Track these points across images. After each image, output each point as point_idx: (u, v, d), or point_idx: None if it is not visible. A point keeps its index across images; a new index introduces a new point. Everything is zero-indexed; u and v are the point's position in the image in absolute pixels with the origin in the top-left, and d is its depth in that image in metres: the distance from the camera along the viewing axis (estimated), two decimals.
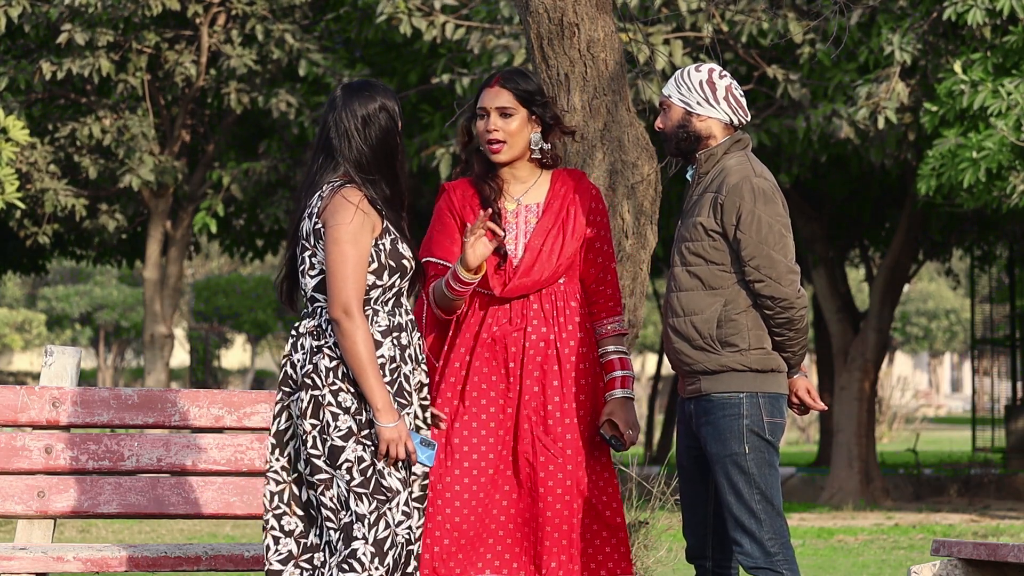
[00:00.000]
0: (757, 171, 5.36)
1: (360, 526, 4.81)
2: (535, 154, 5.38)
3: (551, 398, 5.27)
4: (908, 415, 32.31)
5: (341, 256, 4.86)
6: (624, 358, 5.41)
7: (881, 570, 10.45)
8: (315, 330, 4.93)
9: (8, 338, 44.81)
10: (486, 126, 5.33)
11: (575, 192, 5.39)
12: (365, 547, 4.80)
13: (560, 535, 5.22)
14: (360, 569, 4.79)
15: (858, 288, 39.15)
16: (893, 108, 12.92)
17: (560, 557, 5.20)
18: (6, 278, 23.59)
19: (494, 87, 5.35)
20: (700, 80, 5.41)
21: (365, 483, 4.83)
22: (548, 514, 5.21)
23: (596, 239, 5.40)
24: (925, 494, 18.05)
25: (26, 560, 5.44)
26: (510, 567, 5.23)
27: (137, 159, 15.70)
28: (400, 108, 5.07)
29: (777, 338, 5.34)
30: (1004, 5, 12.29)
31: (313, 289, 4.95)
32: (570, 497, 5.23)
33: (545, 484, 5.23)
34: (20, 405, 5.75)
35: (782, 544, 5.31)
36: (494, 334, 5.29)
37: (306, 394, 4.87)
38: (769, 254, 5.26)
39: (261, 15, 15.43)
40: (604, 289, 5.41)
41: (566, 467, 5.24)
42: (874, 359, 17.43)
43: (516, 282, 5.29)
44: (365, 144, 4.97)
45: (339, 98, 5.01)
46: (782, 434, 5.42)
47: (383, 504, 4.84)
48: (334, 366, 4.87)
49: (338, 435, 4.83)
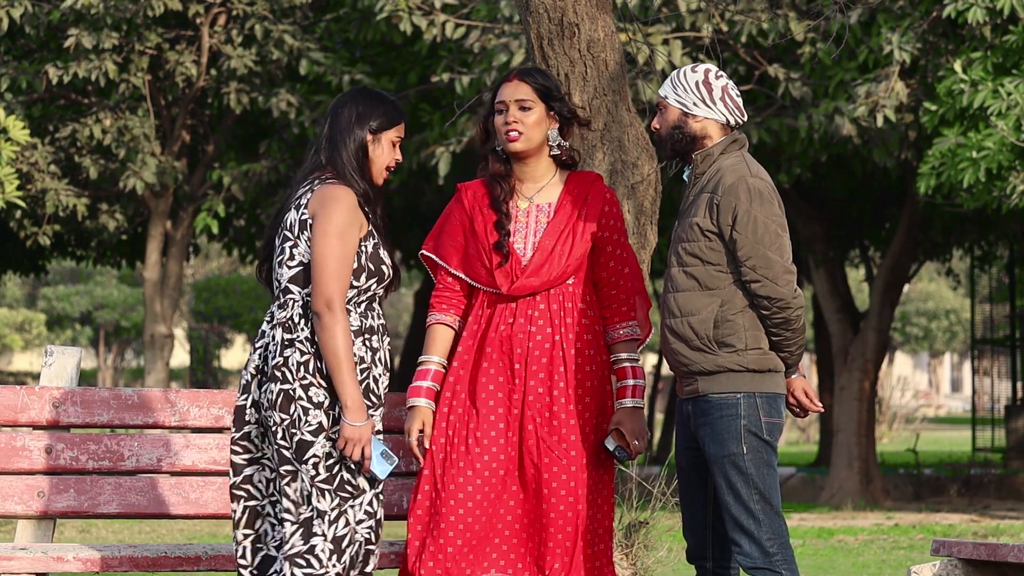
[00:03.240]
0: (753, 171, 5.35)
1: (320, 522, 4.82)
2: (553, 150, 5.40)
3: (556, 399, 5.27)
4: (908, 415, 32.31)
5: (329, 249, 4.87)
6: (636, 367, 5.41)
7: (881, 570, 10.45)
8: (287, 323, 4.92)
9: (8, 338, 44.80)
10: (505, 119, 5.35)
11: (588, 194, 5.40)
12: (324, 543, 4.81)
13: (564, 536, 5.22)
14: (318, 566, 4.79)
15: (858, 288, 39.16)
16: (892, 107, 12.92)
17: (564, 558, 5.21)
18: (6, 278, 23.59)
19: (513, 81, 5.37)
20: (696, 81, 5.41)
21: (330, 479, 4.83)
22: (552, 515, 5.22)
23: (608, 242, 5.40)
24: (925, 494, 18.05)
25: (26, 560, 5.44)
26: (515, 567, 5.24)
27: (140, 161, 15.70)
28: (406, 119, 5.10)
29: (774, 338, 5.34)
30: (1004, 4, 12.28)
31: (288, 280, 4.94)
32: (574, 499, 5.24)
33: (549, 485, 5.23)
34: (20, 405, 5.75)
35: (781, 544, 5.31)
36: (501, 334, 5.30)
37: (276, 386, 4.86)
38: (765, 254, 5.26)
39: (261, 15, 15.43)
40: (617, 293, 5.41)
41: (570, 468, 5.24)
42: (874, 359, 17.43)
43: (523, 281, 5.29)
44: (357, 146, 5.00)
45: (345, 99, 5.05)
46: (780, 434, 5.42)
47: (345, 501, 4.85)
48: (305, 360, 4.87)
49: (308, 430, 4.83)
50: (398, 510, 5.77)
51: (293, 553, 4.81)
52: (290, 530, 4.84)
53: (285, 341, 4.90)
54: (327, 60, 15.36)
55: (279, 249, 4.97)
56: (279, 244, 4.98)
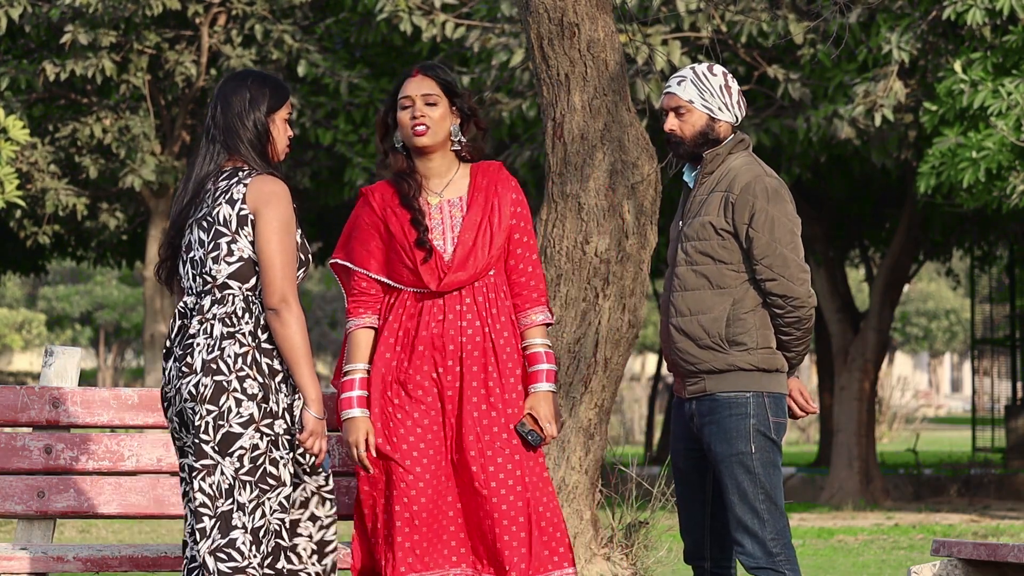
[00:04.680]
0: (767, 171, 5.40)
1: (240, 515, 4.81)
2: (454, 146, 5.40)
3: (492, 391, 5.27)
4: (908, 415, 32.30)
5: (281, 245, 4.88)
6: (549, 352, 5.39)
7: (881, 570, 10.45)
8: (227, 318, 4.91)
9: (8, 338, 44.82)
10: (412, 113, 5.33)
11: (496, 184, 5.40)
12: (244, 536, 4.80)
13: (518, 528, 5.21)
14: (240, 559, 4.79)
15: (858, 288, 39.15)
16: (890, 107, 12.91)
17: (520, 551, 5.20)
18: (6, 278, 23.60)
19: (416, 76, 5.38)
20: (720, 85, 5.43)
21: (253, 471, 4.83)
22: (504, 507, 5.21)
23: (517, 229, 5.39)
24: (925, 494, 18.05)
25: (26, 560, 5.44)
26: (468, 560, 5.25)
27: (139, 159, 15.71)
28: (290, 94, 5.08)
29: (784, 337, 5.34)
30: (1004, 5, 12.28)
31: (228, 276, 4.92)
32: (522, 488, 5.23)
33: (496, 478, 5.21)
34: (20, 405, 5.75)
35: (784, 544, 5.31)
36: (432, 331, 5.29)
37: (208, 379, 4.84)
38: (782, 252, 5.28)
39: (261, 15, 15.44)
40: (528, 280, 5.39)
41: (514, 458, 5.24)
42: (874, 359, 17.43)
43: (452, 277, 5.28)
44: (260, 131, 4.98)
45: (232, 85, 5.00)
46: (785, 433, 5.43)
47: (264, 493, 4.85)
48: (244, 352, 4.86)
49: (238, 421, 4.83)
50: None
51: (214, 548, 4.81)
52: (210, 524, 4.82)
53: (225, 335, 4.88)
54: (325, 62, 15.36)
55: (211, 245, 4.91)
56: (210, 240, 4.93)
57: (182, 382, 4.88)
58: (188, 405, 4.86)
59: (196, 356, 4.88)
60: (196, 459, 4.85)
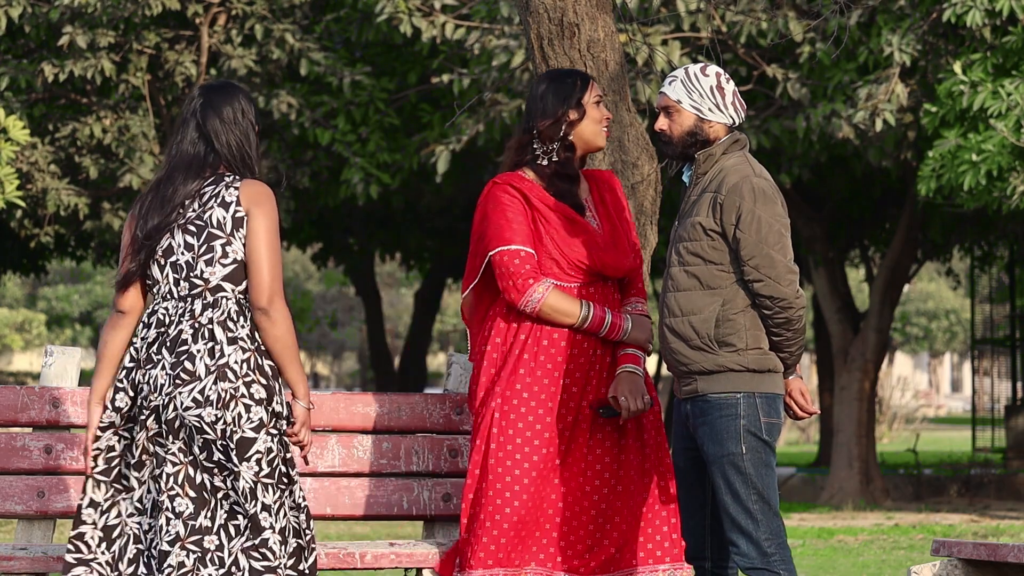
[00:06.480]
0: (756, 171, 5.37)
1: (267, 515, 4.86)
2: None
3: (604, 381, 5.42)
4: (908, 415, 32.30)
5: (272, 246, 4.93)
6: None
7: (881, 570, 10.45)
8: (225, 321, 4.92)
9: (8, 338, 44.81)
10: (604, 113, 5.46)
11: (612, 187, 5.57)
12: (273, 535, 4.86)
13: (621, 519, 5.33)
14: (272, 558, 4.85)
15: (858, 288, 39.15)
16: (892, 110, 12.91)
17: (620, 542, 5.32)
18: (6, 278, 23.61)
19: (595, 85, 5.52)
20: (711, 86, 5.42)
21: (271, 473, 4.88)
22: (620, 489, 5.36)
23: (633, 228, 5.58)
24: (925, 494, 18.05)
25: (26, 560, 5.44)
26: (554, 561, 5.29)
27: (138, 159, 15.71)
28: (256, 110, 5.11)
29: (775, 338, 5.34)
30: (1004, 6, 12.29)
31: (222, 278, 4.93)
32: (644, 478, 5.39)
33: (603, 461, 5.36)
34: (20, 405, 5.75)
35: (779, 544, 5.32)
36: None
37: (216, 385, 4.85)
38: (769, 253, 5.27)
39: (261, 15, 15.44)
40: (635, 281, 5.55)
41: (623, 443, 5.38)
42: (874, 359, 17.43)
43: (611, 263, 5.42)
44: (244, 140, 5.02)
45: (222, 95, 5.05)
46: (779, 434, 5.43)
47: (283, 493, 4.91)
48: (247, 358, 4.89)
49: (250, 427, 4.85)
50: (398, 510, 5.81)
51: (247, 547, 4.85)
52: (243, 523, 4.86)
53: (228, 339, 4.90)
54: (327, 61, 15.36)
55: (203, 248, 4.93)
56: (201, 243, 4.93)
57: (181, 389, 4.87)
58: (191, 413, 4.86)
59: (197, 362, 4.88)
60: (217, 470, 4.87)
